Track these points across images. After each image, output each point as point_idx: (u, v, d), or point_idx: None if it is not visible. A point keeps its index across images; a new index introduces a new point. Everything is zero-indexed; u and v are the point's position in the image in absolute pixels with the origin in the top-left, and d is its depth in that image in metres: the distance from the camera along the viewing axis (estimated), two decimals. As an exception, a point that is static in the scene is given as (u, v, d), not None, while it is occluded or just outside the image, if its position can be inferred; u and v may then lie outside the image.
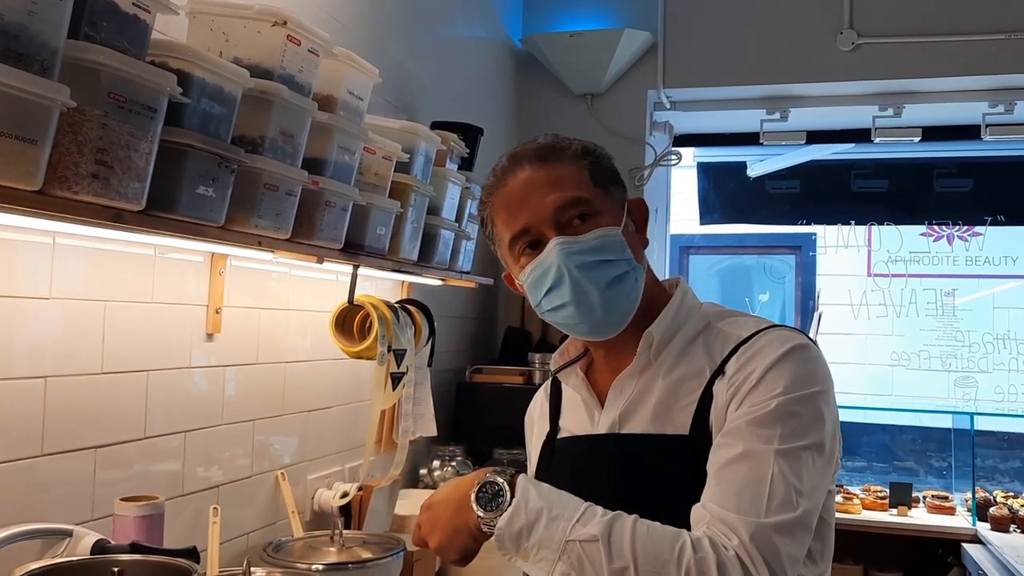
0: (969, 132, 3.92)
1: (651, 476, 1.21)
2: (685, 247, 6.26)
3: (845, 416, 4.43)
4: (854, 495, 3.76)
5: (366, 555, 1.89)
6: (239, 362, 1.89)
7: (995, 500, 3.63)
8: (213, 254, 1.77)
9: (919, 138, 3.90)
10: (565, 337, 1.40)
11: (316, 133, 1.61)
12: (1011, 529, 3.46)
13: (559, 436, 1.37)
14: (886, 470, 4.43)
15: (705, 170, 5.18)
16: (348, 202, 1.74)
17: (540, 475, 1.37)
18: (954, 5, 3.52)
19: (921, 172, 4.76)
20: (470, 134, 2.62)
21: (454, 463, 2.69)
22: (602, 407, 1.29)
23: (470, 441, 2.82)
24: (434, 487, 2.65)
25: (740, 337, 1.22)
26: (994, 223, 4.83)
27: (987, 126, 3.82)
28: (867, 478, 4.28)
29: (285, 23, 1.45)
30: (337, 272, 2.18)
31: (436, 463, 2.69)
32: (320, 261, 1.74)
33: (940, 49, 3.51)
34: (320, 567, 1.80)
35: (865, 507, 3.74)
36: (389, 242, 1.96)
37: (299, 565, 1.79)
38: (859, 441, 4.64)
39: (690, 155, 4.95)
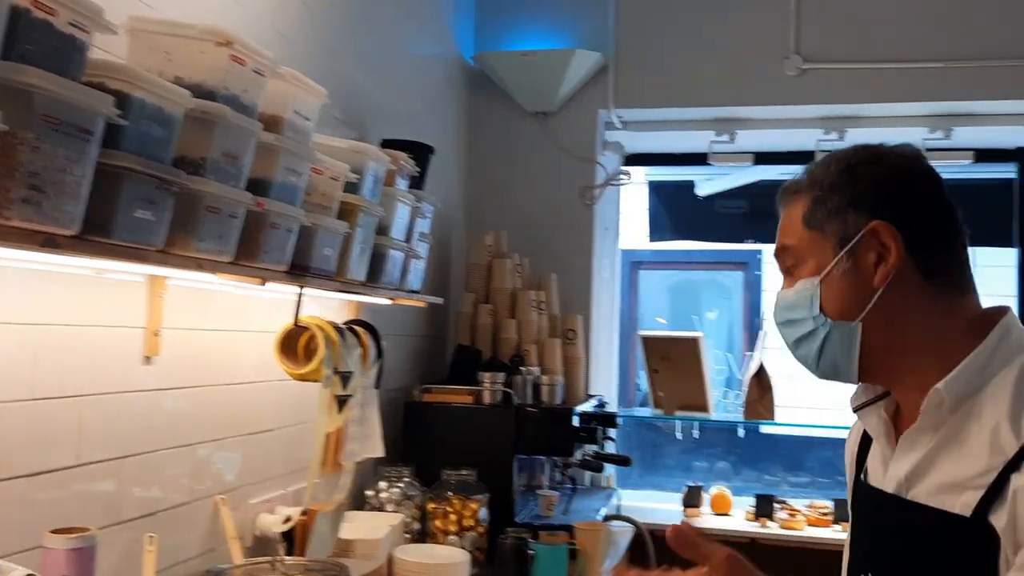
0: (910, 156, 4.02)
1: (929, 557, 1.05)
2: (636, 262, 6.32)
3: (791, 431, 4.50)
4: (798, 511, 3.81)
5: (309, 582, 1.85)
6: (179, 385, 1.85)
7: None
8: (152, 275, 1.73)
9: (862, 161, 3.99)
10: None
11: (261, 154, 1.58)
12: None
13: (863, 480, 1.23)
14: (830, 485, 4.50)
15: (655, 188, 5.23)
16: (294, 223, 1.71)
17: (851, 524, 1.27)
18: (895, 33, 3.61)
19: (864, 193, 4.86)
20: (421, 152, 2.61)
21: (401, 484, 2.66)
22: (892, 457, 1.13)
23: (418, 462, 2.79)
24: (380, 509, 2.62)
25: None
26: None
27: (927, 151, 3.92)
28: (811, 494, 4.34)
29: (229, 43, 1.42)
30: (283, 291, 2.14)
31: (383, 484, 2.66)
32: (263, 283, 1.71)
33: (882, 76, 3.60)
34: (261, 596, 1.76)
35: (810, 523, 3.78)
36: (337, 263, 1.94)
37: (239, 594, 1.75)
38: (803, 456, 4.71)
39: (641, 173, 4.99)
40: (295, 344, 2.06)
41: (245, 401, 2.09)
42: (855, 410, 1.24)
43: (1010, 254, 4.40)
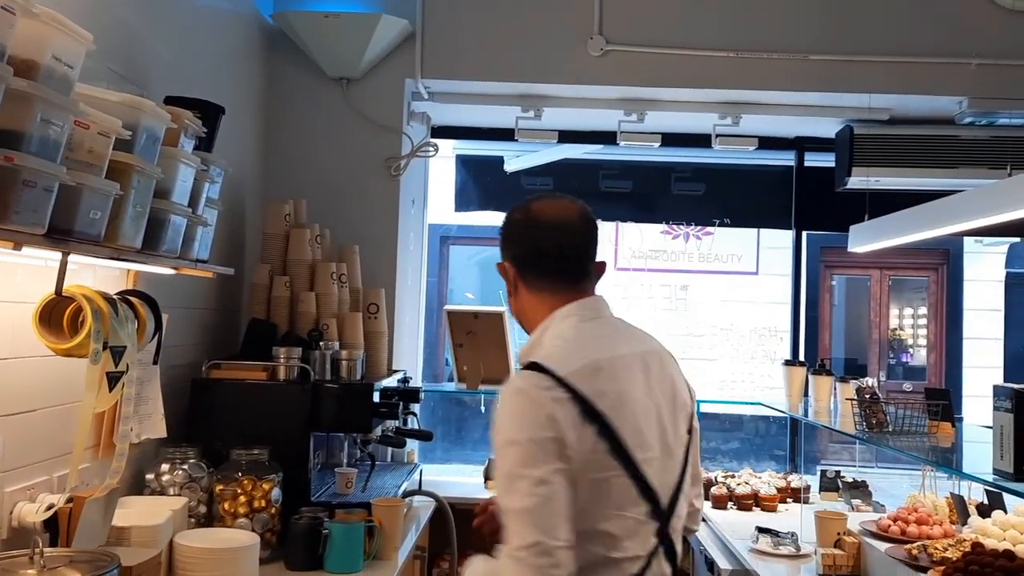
0: (702, 140, 4.24)
1: None
2: (444, 237, 6.32)
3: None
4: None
5: (72, 575, 1.69)
6: (-87, 362, 1.63)
7: (716, 480, 3.95)
8: None
9: (659, 143, 4.17)
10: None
11: (11, 102, 1.40)
12: (728, 506, 3.78)
13: None
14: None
15: (464, 162, 5.24)
16: (53, 182, 1.53)
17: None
18: (692, 21, 3.78)
19: (661, 175, 5.09)
20: (209, 112, 2.44)
21: (186, 466, 2.51)
22: None
23: (206, 442, 2.63)
24: (162, 493, 2.45)
25: None
26: (722, 224, 5.27)
27: (717, 136, 4.15)
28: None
29: (-34, -29, 1.24)
30: (46, 258, 1.94)
31: (165, 467, 2.49)
32: (18, 248, 1.52)
33: (678, 61, 3.75)
34: (13, 594, 1.59)
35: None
36: (106, 227, 1.76)
37: (-13, 593, 1.57)
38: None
39: (448, 147, 4.97)
40: (59, 316, 1.87)
41: (-1, 379, 1.88)
42: None
43: (788, 236, 4.77)
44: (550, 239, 1.72)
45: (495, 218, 5.64)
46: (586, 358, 1.57)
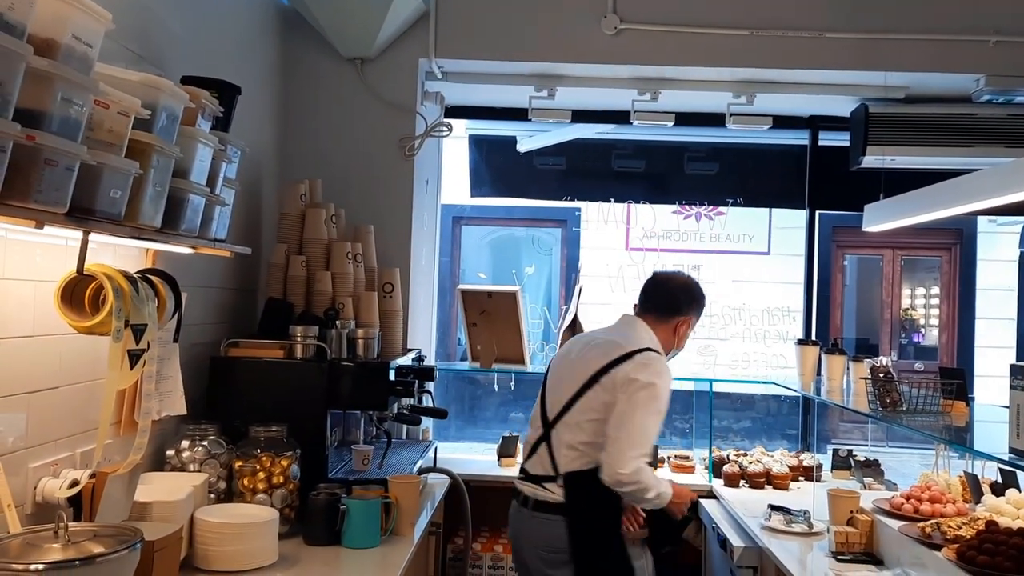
0: (716, 120, 4.22)
1: None
2: (457, 218, 6.32)
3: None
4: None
5: (96, 549, 1.71)
6: (-60, 339, 1.65)
7: (728, 458, 3.97)
8: (-97, 215, 1.52)
9: (672, 123, 4.15)
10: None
11: (32, 82, 1.42)
12: (740, 484, 3.80)
13: None
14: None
15: (477, 143, 5.23)
16: (74, 161, 1.55)
17: None
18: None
19: (674, 155, 5.08)
20: (226, 92, 2.45)
21: (205, 443, 2.54)
22: None
23: (225, 418, 2.66)
24: (182, 469, 2.49)
25: None
26: (735, 204, 5.25)
27: (731, 115, 4.13)
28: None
29: (-11, -49, 1.25)
30: (67, 237, 1.96)
31: (185, 443, 2.52)
32: (40, 226, 1.54)
33: (692, 39, 3.74)
34: (40, 566, 1.61)
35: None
36: (126, 207, 1.78)
37: (15, 566, 1.60)
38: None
39: (462, 127, 4.97)
40: (80, 295, 1.89)
41: (23, 356, 1.91)
42: None
43: (800, 216, 4.75)
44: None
45: (507, 199, 5.65)
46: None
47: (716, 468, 3.93)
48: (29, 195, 1.45)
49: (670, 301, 2.85)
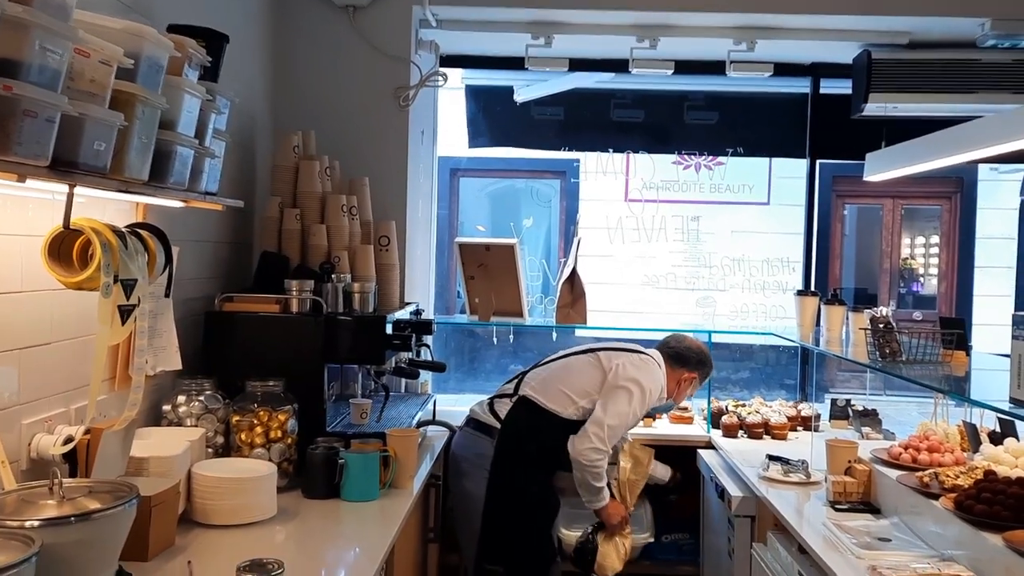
0: (716, 68, 4.14)
1: None
2: (455, 169, 6.25)
3: (603, 335, 4.69)
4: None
5: (92, 505, 1.71)
6: (-74, 296, 1.62)
7: (726, 409, 3.98)
8: None
9: (672, 71, 4.07)
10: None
11: (8, 29, 1.37)
12: (739, 435, 3.81)
13: None
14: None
15: (473, 93, 5.15)
16: (55, 112, 1.50)
17: None
18: (705, -59, 3.66)
19: (674, 104, 5.00)
20: (213, 41, 2.38)
21: (202, 397, 2.53)
22: None
23: (221, 373, 2.65)
24: (179, 424, 2.48)
25: None
26: (735, 154, 5.19)
27: (731, 62, 4.05)
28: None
29: None
30: (53, 192, 1.92)
31: (181, 398, 2.51)
32: (22, 180, 1.50)
33: (692, -17, 3.65)
34: (36, 523, 1.61)
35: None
36: (112, 160, 1.74)
37: (9, 523, 1.59)
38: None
39: (458, 77, 4.89)
40: (68, 249, 1.86)
41: (13, 312, 1.88)
42: None
43: (800, 166, 4.69)
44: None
45: (505, 150, 5.59)
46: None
47: (715, 419, 3.93)
48: (9, 147, 1.41)
49: (684, 353, 3.28)
